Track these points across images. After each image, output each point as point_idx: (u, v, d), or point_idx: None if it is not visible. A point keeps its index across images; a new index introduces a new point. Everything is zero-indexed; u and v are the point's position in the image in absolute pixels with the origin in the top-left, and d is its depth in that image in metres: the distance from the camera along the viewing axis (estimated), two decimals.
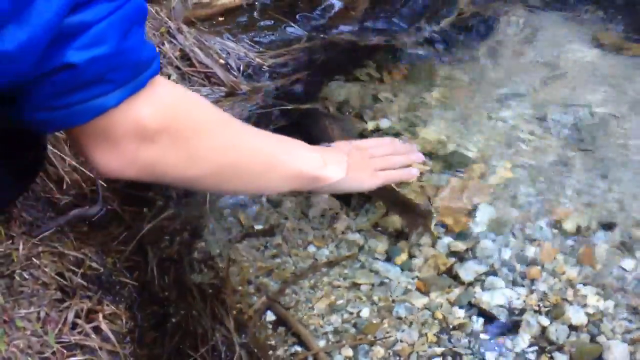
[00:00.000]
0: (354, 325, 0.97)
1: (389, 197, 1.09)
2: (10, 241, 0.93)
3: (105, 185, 1.10)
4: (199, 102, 0.80)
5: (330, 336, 0.96)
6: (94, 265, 0.97)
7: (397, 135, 1.23)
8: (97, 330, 0.90)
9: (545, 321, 0.95)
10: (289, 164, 0.89)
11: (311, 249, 1.07)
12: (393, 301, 0.99)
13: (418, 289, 1.01)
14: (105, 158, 0.70)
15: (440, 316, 0.97)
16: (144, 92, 0.67)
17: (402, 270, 1.03)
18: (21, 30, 0.56)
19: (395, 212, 1.09)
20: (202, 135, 0.77)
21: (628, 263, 1.01)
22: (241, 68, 1.34)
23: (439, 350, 0.93)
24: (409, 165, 1.07)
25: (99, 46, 0.61)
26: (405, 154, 1.09)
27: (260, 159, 0.86)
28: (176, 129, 0.72)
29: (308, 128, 1.18)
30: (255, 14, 1.49)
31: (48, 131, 0.72)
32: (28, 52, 0.57)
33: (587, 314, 0.96)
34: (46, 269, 0.92)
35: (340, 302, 1.00)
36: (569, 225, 1.07)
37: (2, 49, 0.56)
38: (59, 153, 1.09)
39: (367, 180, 1.01)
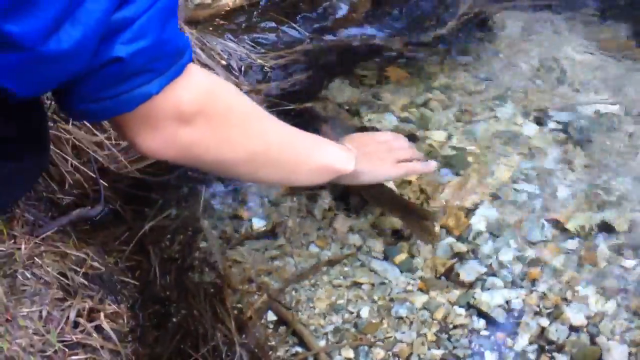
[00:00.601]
0: (355, 325, 0.97)
1: (388, 201, 1.09)
2: (13, 241, 0.94)
3: (107, 185, 1.10)
4: (232, 91, 0.84)
5: (331, 336, 0.96)
6: (96, 264, 0.98)
7: None
8: (98, 329, 0.90)
9: (545, 322, 0.95)
10: (318, 157, 0.92)
11: (312, 248, 1.07)
12: (393, 301, 1.00)
13: (418, 289, 1.01)
14: (148, 141, 0.74)
15: (439, 316, 0.97)
16: (181, 78, 0.71)
17: (402, 270, 1.03)
18: (75, 29, 0.60)
19: (396, 216, 1.09)
20: (236, 120, 0.81)
21: (629, 264, 1.02)
22: (242, 69, 1.35)
23: (438, 351, 0.94)
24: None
25: (142, 39, 0.65)
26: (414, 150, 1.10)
27: (291, 150, 0.89)
28: (211, 112, 0.77)
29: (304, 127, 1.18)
30: (256, 15, 1.49)
31: (96, 120, 0.78)
32: (82, 49, 0.61)
33: (587, 315, 0.96)
34: (48, 268, 0.92)
35: (340, 301, 1.00)
36: (569, 226, 1.07)
37: (61, 49, 0.60)
38: (61, 153, 1.09)
39: (390, 170, 1.02)
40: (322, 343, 0.95)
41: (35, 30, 0.58)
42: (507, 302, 0.98)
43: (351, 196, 1.13)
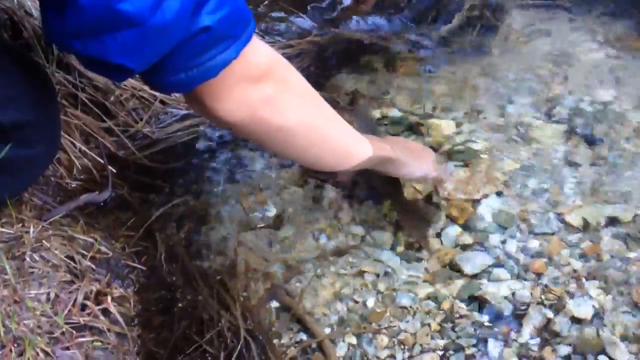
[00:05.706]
0: (359, 314, 0.98)
1: (397, 195, 1.10)
2: (21, 224, 0.95)
3: (114, 171, 1.11)
4: (289, 63, 0.88)
5: (335, 324, 0.97)
6: (103, 249, 0.99)
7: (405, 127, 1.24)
8: (105, 312, 0.91)
9: (549, 313, 0.96)
10: (366, 143, 0.95)
11: (318, 237, 1.08)
12: (397, 290, 1.00)
13: (423, 280, 1.01)
14: (222, 103, 0.79)
15: (444, 307, 0.98)
16: (250, 44, 0.77)
17: (407, 261, 1.04)
18: (174, 1, 0.66)
19: (396, 209, 1.10)
20: (295, 87, 0.86)
21: (634, 256, 1.02)
22: None
23: (442, 340, 0.94)
24: None
25: (223, 7, 0.71)
26: None
27: (344, 132, 0.93)
28: (276, 75, 0.82)
29: None
30: (265, 4, 1.49)
31: (183, 91, 0.81)
32: (181, 20, 0.68)
33: (591, 308, 0.96)
34: (56, 252, 0.93)
35: (345, 290, 1.01)
36: (574, 219, 1.07)
37: (166, 20, 0.66)
38: (69, 138, 1.10)
39: (429, 169, 1.08)
40: (327, 331, 0.96)
41: (145, 6, 0.65)
42: (513, 293, 0.98)
43: (357, 187, 1.13)
